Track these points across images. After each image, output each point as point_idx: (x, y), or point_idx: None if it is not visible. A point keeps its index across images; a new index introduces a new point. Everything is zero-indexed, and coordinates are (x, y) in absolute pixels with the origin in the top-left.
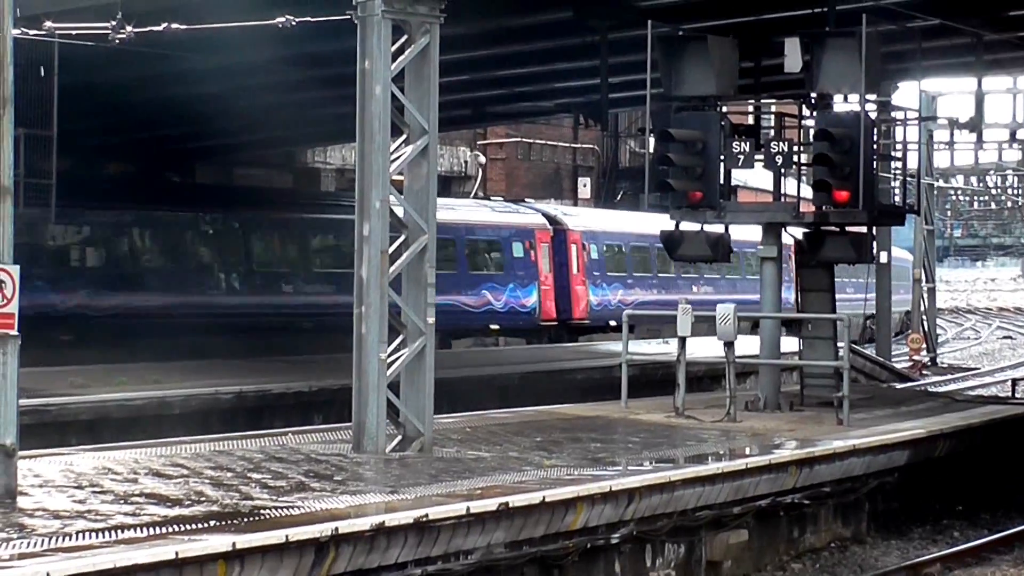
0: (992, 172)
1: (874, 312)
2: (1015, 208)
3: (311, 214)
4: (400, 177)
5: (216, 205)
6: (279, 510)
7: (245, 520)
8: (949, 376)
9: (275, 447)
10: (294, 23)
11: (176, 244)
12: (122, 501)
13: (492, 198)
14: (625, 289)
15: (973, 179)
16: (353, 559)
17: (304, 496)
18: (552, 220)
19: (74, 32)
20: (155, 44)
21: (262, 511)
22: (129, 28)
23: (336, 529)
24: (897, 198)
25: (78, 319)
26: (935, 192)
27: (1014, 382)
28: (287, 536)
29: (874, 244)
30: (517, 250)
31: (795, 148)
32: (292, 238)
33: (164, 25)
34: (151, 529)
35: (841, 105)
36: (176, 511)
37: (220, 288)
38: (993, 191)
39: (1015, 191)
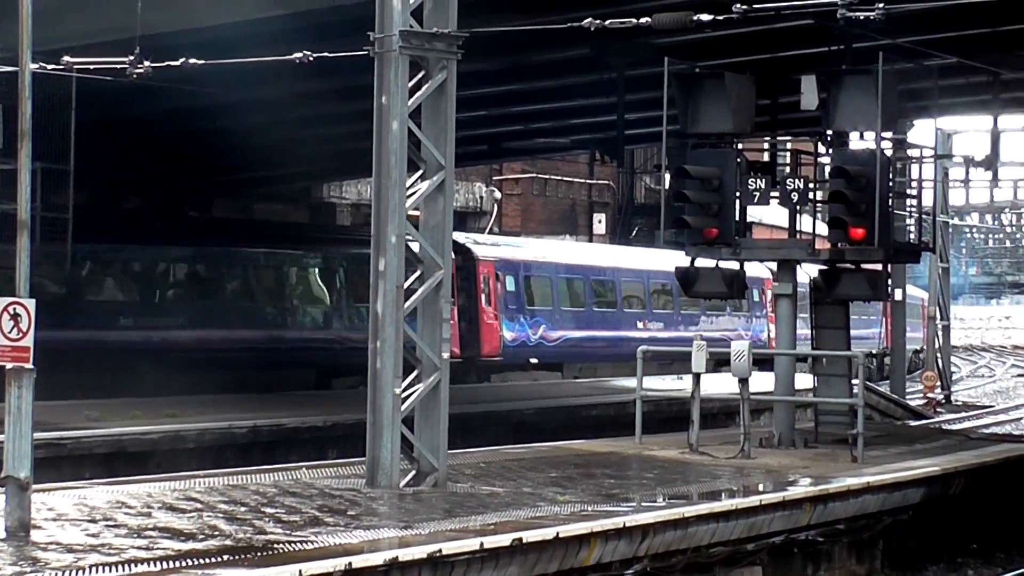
0: (1007, 210)
1: (874, 351)
2: None
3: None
4: (416, 212)
5: (234, 240)
6: (293, 544)
7: (259, 554)
8: (963, 414)
9: (289, 481)
10: (312, 58)
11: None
12: (136, 535)
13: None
14: (550, 324)
15: (988, 217)
16: None
17: (318, 531)
18: (458, 249)
19: (92, 67)
20: (172, 79)
21: (276, 545)
22: (147, 63)
23: (350, 564)
24: (912, 235)
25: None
26: (950, 230)
27: None
28: (300, 571)
29: (889, 282)
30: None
31: (811, 185)
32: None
33: (182, 60)
34: (165, 563)
35: (857, 143)
36: (190, 545)
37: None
38: (1008, 229)
39: None
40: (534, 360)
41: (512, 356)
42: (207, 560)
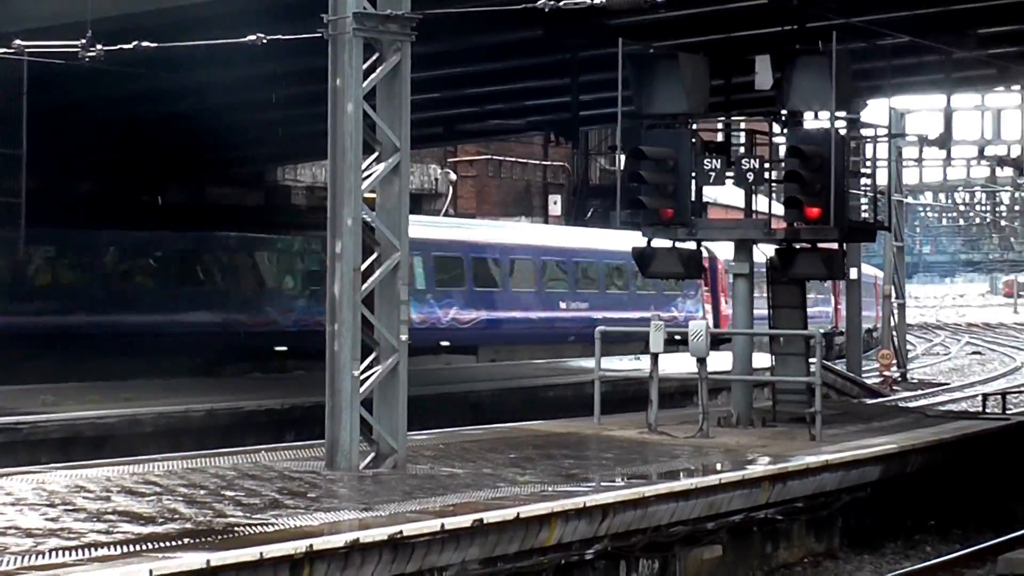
0: (960, 189)
1: (830, 328)
2: (983, 224)
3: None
4: (372, 195)
5: (183, 224)
6: (253, 527)
7: (219, 537)
8: (919, 392)
9: (248, 464)
10: (265, 40)
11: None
12: (95, 519)
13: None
14: (462, 306)
15: (942, 196)
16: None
17: (278, 513)
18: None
19: (44, 51)
20: (125, 63)
21: (236, 528)
22: (99, 47)
23: (311, 546)
24: (867, 215)
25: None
26: (904, 209)
27: (985, 397)
28: (261, 553)
29: (845, 260)
30: (312, 263)
31: (766, 165)
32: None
33: (134, 44)
34: (125, 547)
35: (811, 122)
36: (150, 529)
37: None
38: (961, 207)
39: (983, 207)
40: (445, 343)
41: (421, 339)
42: (167, 544)
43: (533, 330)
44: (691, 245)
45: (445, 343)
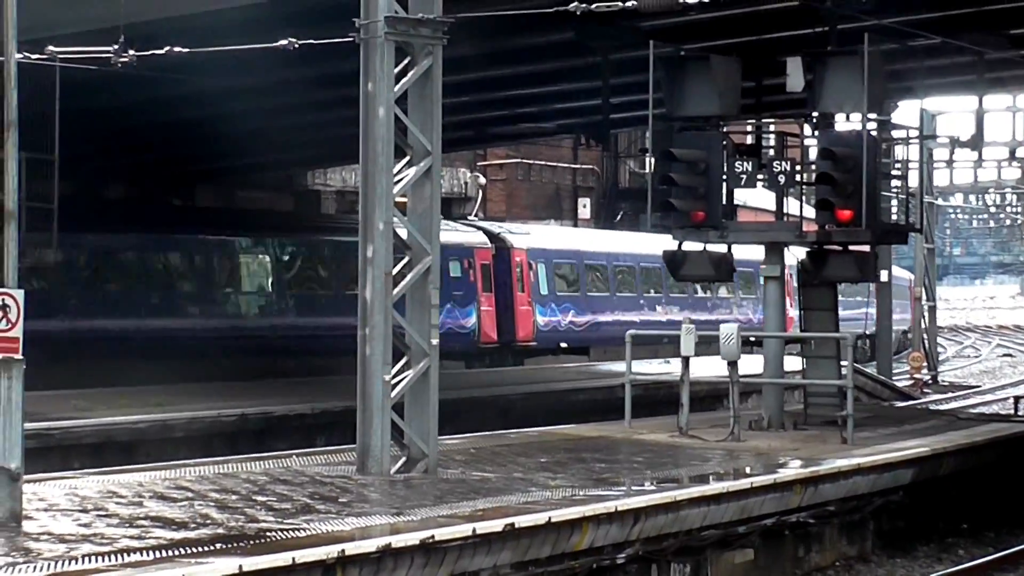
0: (991, 190)
1: (863, 332)
2: (1014, 226)
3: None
4: (403, 199)
5: (217, 228)
6: (285, 532)
7: (251, 543)
8: (950, 394)
9: (279, 469)
10: (297, 45)
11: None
12: (127, 524)
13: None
14: (578, 309)
15: (972, 197)
16: None
17: (310, 518)
18: (494, 238)
19: (76, 55)
20: (157, 67)
21: (268, 533)
22: (131, 51)
23: (342, 551)
24: (898, 217)
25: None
26: (935, 210)
27: (1016, 400)
28: (294, 558)
29: (877, 263)
30: (454, 269)
31: (797, 167)
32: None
33: (167, 48)
34: (157, 552)
35: (843, 124)
36: (182, 534)
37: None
38: (992, 209)
39: (1014, 209)
40: (564, 344)
41: (545, 341)
42: (200, 549)
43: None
44: (722, 248)
45: (563, 344)
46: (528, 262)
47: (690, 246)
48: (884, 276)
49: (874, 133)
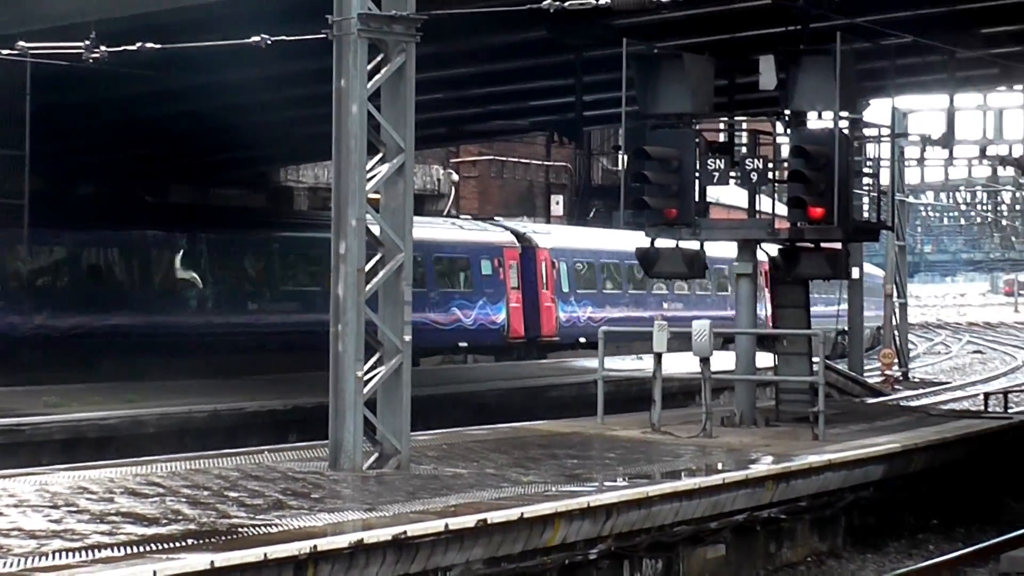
0: (962, 188)
1: (845, 328)
2: (984, 224)
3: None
4: (376, 195)
5: (189, 225)
6: (257, 528)
7: (223, 538)
8: (921, 391)
9: (251, 465)
10: (269, 42)
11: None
12: (98, 520)
13: (462, 216)
14: (595, 306)
15: (943, 195)
16: None
17: (282, 514)
18: (520, 237)
19: (47, 52)
20: (129, 64)
21: (240, 529)
22: (103, 48)
23: (314, 547)
24: (870, 214)
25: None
26: (906, 208)
27: (986, 396)
28: (265, 554)
29: (848, 260)
30: (486, 267)
31: (769, 165)
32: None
33: (138, 45)
34: (128, 548)
35: (815, 122)
36: (153, 530)
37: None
38: (963, 207)
39: (984, 207)
40: (583, 340)
41: (566, 336)
42: (171, 545)
43: (644, 327)
44: (694, 245)
45: (582, 339)
46: (551, 260)
47: (663, 243)
48: (856, 273)
49: (846, 131)
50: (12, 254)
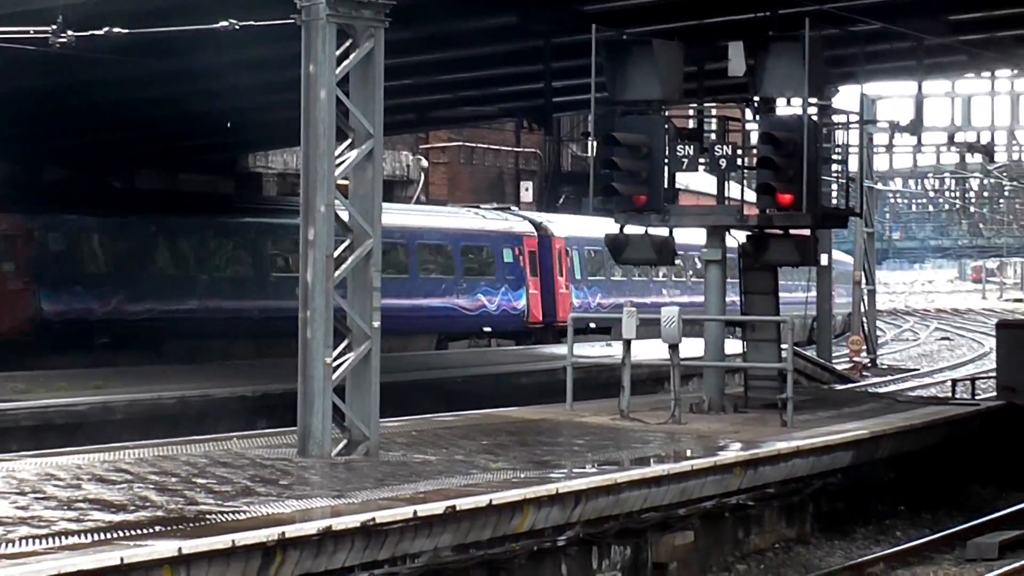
0: (930, 175)
1: (816, 314)
2: (952, 211)
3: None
4: (345, 181)
5: (155, 210)
6: (225, 515)
7: (191, 525)
8: (889, 377)
9: (220, 452)
10: (237, 27)
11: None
12: (65, 507)
13: (481, 206)
14: (603, 292)
15: (912, 182)
16: (300, 563)
17: (250, 501)
18: (538, 227)
19: (14, 36)
20: (96, 49)
21: (208, 516)
22: (70, 32)
23: (283, 534)
24: (838, 201)
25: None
26: (874, 195)
27: (954, 383)
28: (233, 541)
29: (817, 247)
30: (507, 256)
31: (738, 152)
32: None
33: (105, 29)
34: (96, 535)
35: (784, 108)
36: (121, 517)
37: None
38: (931, 194)
39: (952, 193)
40: (593, 325)
41: (579, 321)
42: (139, 531)
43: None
44: (663, 231)
45: (592, 324)
46: (565, 249)
47: (632, 230)
48: (825, 260)
49: (815, 118)
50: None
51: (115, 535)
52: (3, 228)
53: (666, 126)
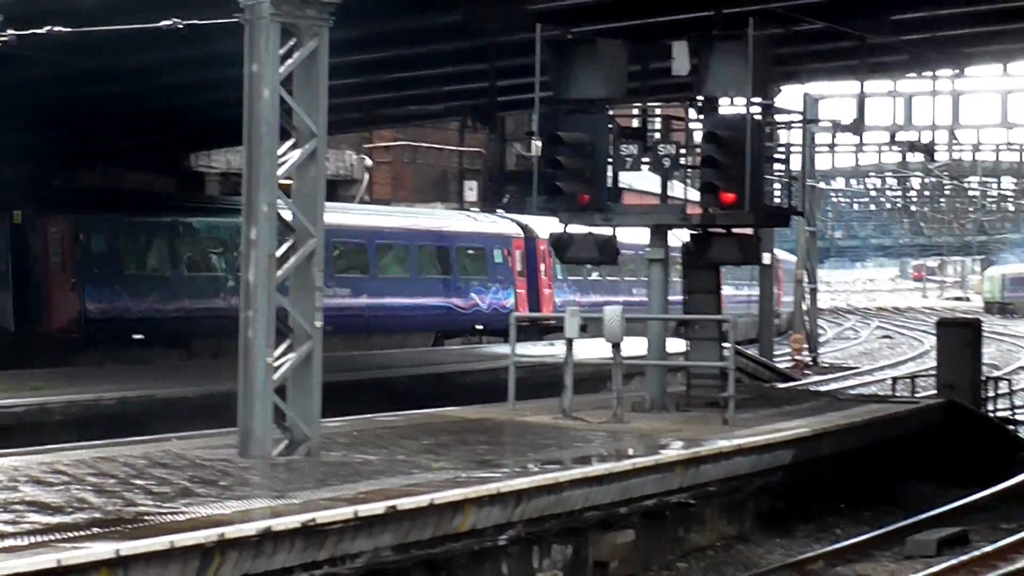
0: (872, 174)
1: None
2: (894, 209)
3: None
4: (288, 181)
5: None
6: (164, 516)
7: (129, 527)
8: (830, 375)
9: (159, 453)
10: (181, 26)
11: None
12: (2, 509)
13: (472, 209)
14: (581, 292)
15: (854, 181)
16: (239, 564)
17: (189, 502)
18: (524, 228)
19: None
20: (39, 47)
21: (146, 518)
22: (11, 31)
23: (222, 535)
24: (781, 200)
25: None
26: (817, 194)
27: (894, 381)
28: (172, 542)
29: (760, 245)
30: (498, 256)
31: (682, 151)
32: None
33: (47, 28)
34: (32, 537)
35: (727, 108)
36: (58, 519)
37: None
38: (873, 193)
39: (894, 193)
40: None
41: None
42: (76, 533)
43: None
44: (607, 231)
45: (554, 323)
46: (548, 250)
47: (577, 229)
48: (767, 259)
49: (758, 117)
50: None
51: (52, 537)
52: None
53: (610, 125)
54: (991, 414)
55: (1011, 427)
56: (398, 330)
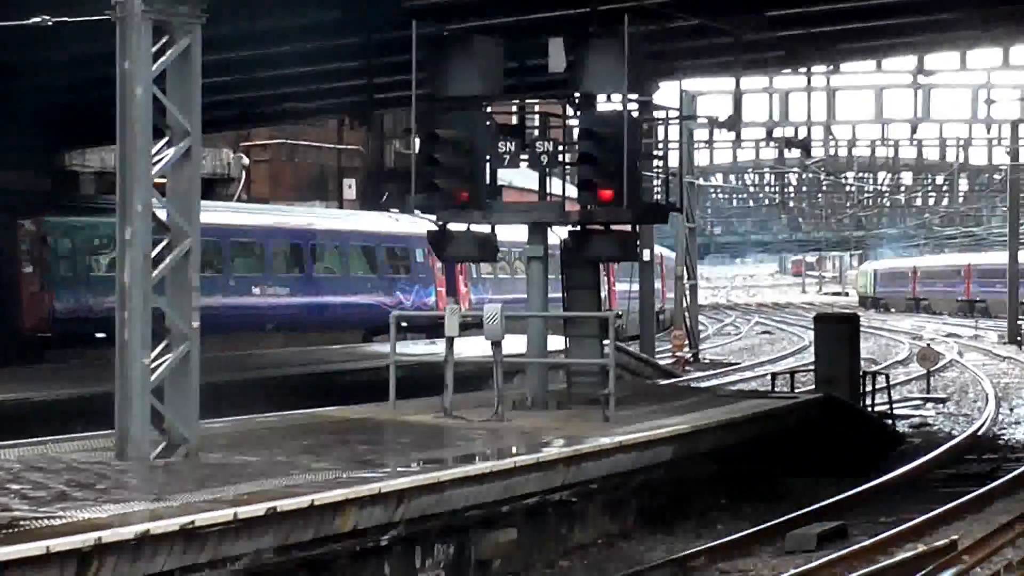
0: (750, 170)
1: (661, 307)
2: (772, 205)
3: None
4: (163, 180)
5: None
6: (39, 521)
7: (3, 532)
8: (711, 372)
9: (35, 456)
10: (51, 23)
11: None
12: None
13: (392, 210)
14: (494, 290)
15: (732, 177)
16: (117, 568)
17: (66, 506)
18: None
19: None
20: None
21: (21, 523)
22: None
23: (99, 539)
24: (660, 196)
25: None
26: (696, 190)
27: (774, 376)
28: (48, 548)
29: (639, 242)
30: (419, 256)
31: (560, 148)
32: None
33: None
34: None
35: (605, 104)
36: None
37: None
38: (751, 189)
39: (772, 188)
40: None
41: (476, 316)
42: None
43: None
44: (486, 228)
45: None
46: None
47: (456, 226)
48: (647, 255)
49: (635, 114)
50: None
51: None
52: None
53: (488, 122)
54: (869, 408)
55: (889, 421)
56: (333, 327)
